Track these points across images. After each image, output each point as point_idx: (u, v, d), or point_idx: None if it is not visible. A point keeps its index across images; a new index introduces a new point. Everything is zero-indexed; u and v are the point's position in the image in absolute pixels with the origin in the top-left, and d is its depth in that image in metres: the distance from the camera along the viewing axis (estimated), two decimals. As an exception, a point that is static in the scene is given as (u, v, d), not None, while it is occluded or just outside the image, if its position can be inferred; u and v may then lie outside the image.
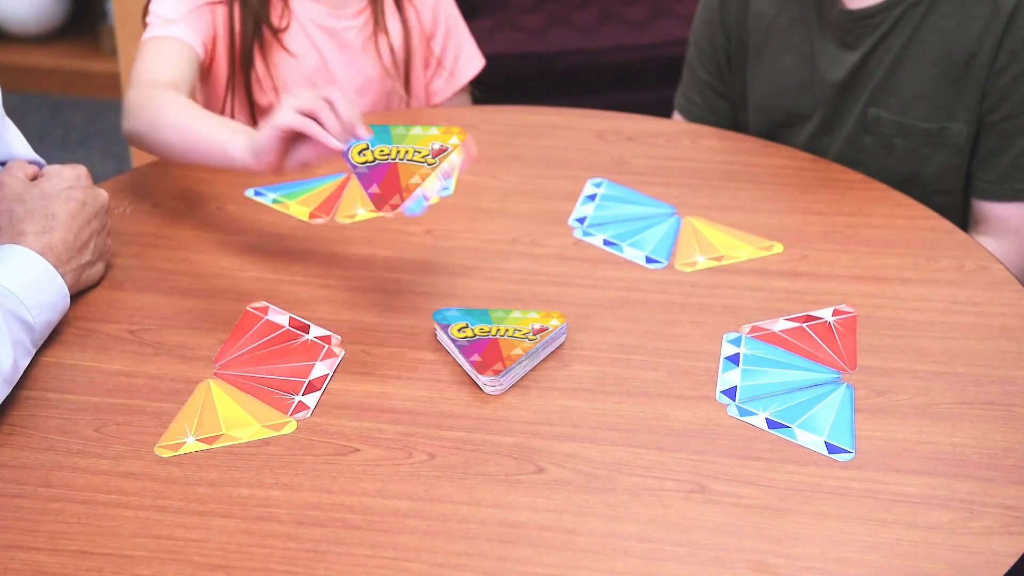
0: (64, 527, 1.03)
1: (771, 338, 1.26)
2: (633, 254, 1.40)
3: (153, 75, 1.53)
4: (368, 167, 1.17)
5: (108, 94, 3.34)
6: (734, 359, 1.23)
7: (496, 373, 1.17)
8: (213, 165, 1.39)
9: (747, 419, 1.15)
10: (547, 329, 1.22)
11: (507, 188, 1.53)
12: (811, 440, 1.12)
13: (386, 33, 1.73)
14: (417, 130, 1.20)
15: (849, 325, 1.28)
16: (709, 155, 1.60)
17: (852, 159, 1.64)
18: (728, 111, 1.80)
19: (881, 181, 1.55)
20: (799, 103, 1.68)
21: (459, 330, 1.22)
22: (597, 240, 1.42)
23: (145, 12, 1.63)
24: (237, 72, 1.67)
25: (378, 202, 1.17)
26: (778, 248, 1.40)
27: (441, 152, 1.17)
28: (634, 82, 2.65)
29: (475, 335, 1.21)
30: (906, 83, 1.59)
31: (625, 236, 1.43)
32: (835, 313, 1.29)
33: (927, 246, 1.40)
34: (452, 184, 1.53)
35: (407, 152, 1.17)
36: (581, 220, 1.46)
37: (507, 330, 1.22)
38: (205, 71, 1.66)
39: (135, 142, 1.49)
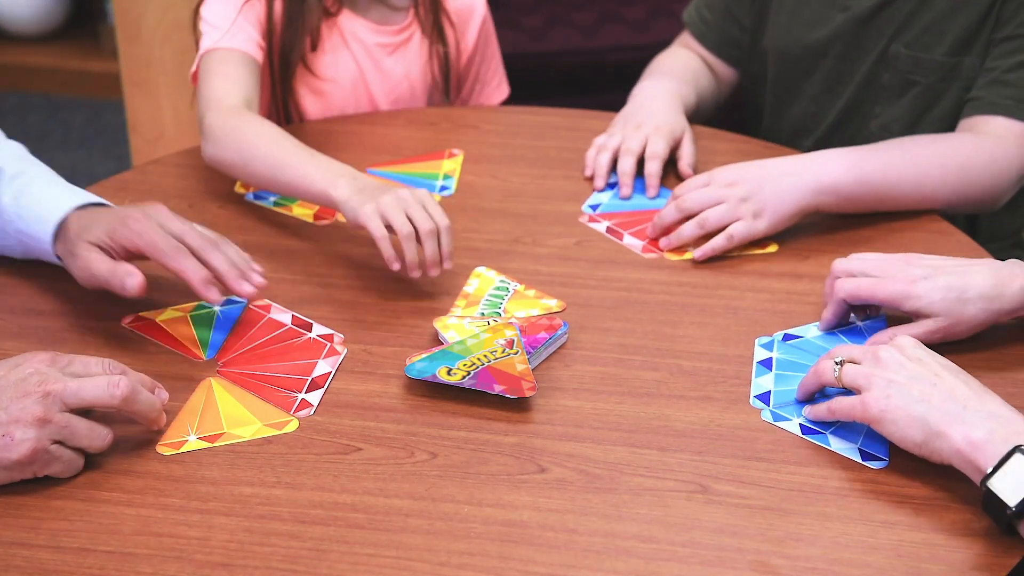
0: (66, 524, 1.03)
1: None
2: (631, 243, 1.42)
3: (227, 97, 1.50)
4: (471, 377, 1.15)
5: (108, 94, 3.34)
6: (767, 364, 1.22)
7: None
8: (314, 203, 1.44)
9: (781, 424, 1.14)
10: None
11: (509, 188, 1.53)
12: (845, 447, 1.11)
13: (429, 50, 1.73)
14: (472, 340, 1.17)
15: None
16: (710, 156, 1.60)
17: (869, 98, 1.64)
18: (738, 40, 1.78)
19: (893, 122, 1.54)
20: (818, 36, 1.67)
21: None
22: (601, 227, 1.45)
23: (195, 15, 1.61)
24: (277, 77, 1.66)
25: (515, 392, 1.15)
26: (771, 248, 1.40)
27: (511, 343, 1.14)
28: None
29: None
30: (932, 18, 1.58)
31: (631, 224, 1.45)
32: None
33: (928, 247, 1.39)
34: (453, 184, 1.54)
35: (486, 356, 1.15)
36: (595, 207, 1.49)
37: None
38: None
39: (219, 168, 1.48)
